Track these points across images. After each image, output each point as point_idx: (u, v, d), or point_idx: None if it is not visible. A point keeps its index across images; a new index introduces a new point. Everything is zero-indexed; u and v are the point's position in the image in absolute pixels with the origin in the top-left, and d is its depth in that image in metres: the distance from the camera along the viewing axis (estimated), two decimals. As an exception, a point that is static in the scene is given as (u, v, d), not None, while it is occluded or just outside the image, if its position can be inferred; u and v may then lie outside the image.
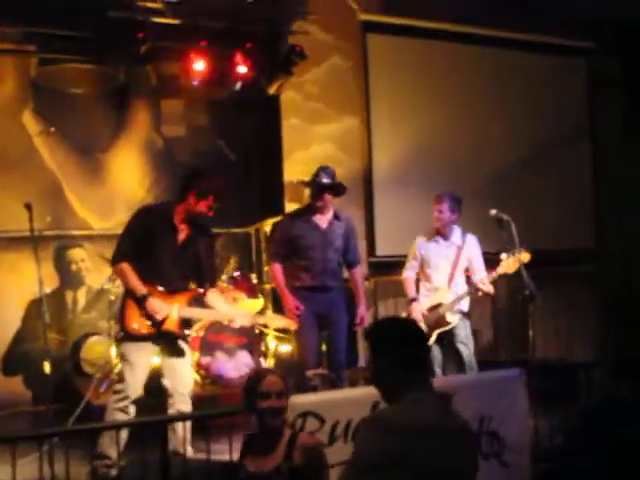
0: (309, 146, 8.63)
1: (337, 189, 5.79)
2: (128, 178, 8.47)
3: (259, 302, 7.47)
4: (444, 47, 9.23)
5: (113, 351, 7.28)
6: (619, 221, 9.95)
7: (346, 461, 3.43)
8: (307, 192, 6.02)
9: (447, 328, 5.94)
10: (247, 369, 6.96)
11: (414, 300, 6.09)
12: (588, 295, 9.52)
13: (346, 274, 6.16)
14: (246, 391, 3.50)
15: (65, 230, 7.79)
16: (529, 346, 5.46)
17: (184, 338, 4.99)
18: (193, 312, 4.99)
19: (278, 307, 7.84)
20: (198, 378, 6.87)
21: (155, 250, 4.83)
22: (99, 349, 7.58)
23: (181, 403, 4.94)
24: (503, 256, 5.68)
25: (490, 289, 5.83)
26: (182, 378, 5.00)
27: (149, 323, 4.76)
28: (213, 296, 5.05)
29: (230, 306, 5.47)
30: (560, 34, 9.70)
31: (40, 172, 7.74)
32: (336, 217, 5.81)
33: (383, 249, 8.72)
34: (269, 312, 7.30)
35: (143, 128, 8.61)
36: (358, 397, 4.38)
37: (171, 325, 4.82)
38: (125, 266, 4.79)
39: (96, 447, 4.62)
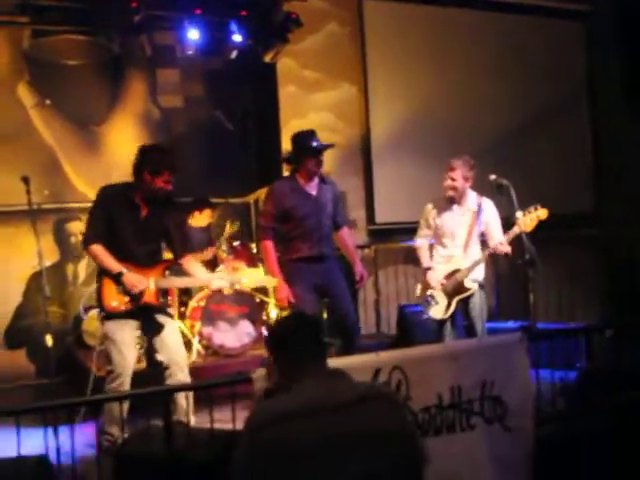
0: (306, 114, 8.59)
1: (325, 150, 5.65)
2: (125, 149, 8.39)
3: (259, 271, 7.47)
4: (441, 12, 9.16)
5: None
6: (620, 184, 9.92)
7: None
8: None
9: (467, 294, 5.78)
10: (249, 338, 6.99)
11: (429, 269, 5.91)
12: (590, 259, 9.52)
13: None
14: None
15: (63, 203, 7.76)
16: (530, 311, 5.45)
17: (164, 309, 5.08)
18: (170, 282, 5.12)
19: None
20: (200, 348, 6.89)
21: (120, 229, 4.88)
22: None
23: (179, 372, 4.97)
24: (519, 214, 5.51)
25: (509, 249, 5.64)
26: (174, 348, 5.03)
27: (128, 299, 4.82)
28: (190, 264, 5.14)
29: (206, 271, 5.55)
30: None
31: (36, 145, 7.69)
32: (322, 182, 5.65)
33: (382, 216, 8.72)
34: (248, 271, 7.30)
35: (139, 99, 8.56)
36: (360, 365, 4.38)
37: (150, 298, 4.89)
38: (97, 247, 4.84)
39: (99, 422, 4.66)
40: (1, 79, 7.76)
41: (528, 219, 5.53)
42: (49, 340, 4.68)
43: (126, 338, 4.87)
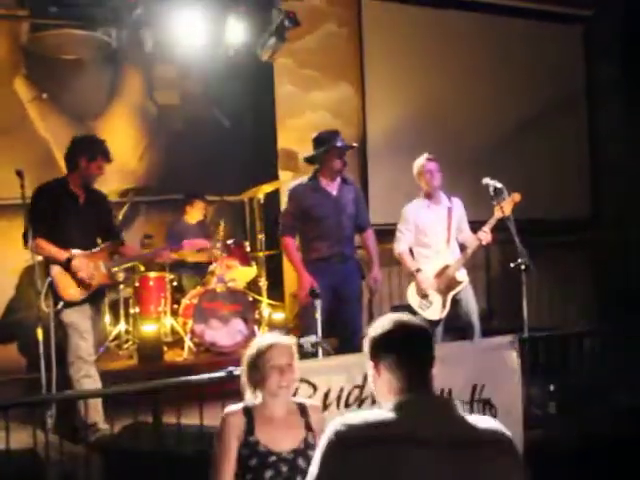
0: (303, 113, 8.58)
1: (349, 150, 5.69)
2: (121, 145, 8.40)
3: (252, 270, 7.48)
4: (440, 14, 9.15)
5: (107, 318, 7.31)
6: (615, 190, 9.94)
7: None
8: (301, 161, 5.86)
9: (461, 287, 5.85)
10: (241, 336, 6.98)
11: (419, 270, 5.92)
12: (583, 264, 9.53)
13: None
14: (252, 362, 3.25)
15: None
16: (523, 315, 5.45)
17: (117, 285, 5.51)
18: (118, 262, 5.37)
19: (272, 275, 7.87)
20: (192, 345, 6.89)
21: (62, 220, 5.04)
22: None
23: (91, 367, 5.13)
24: (494, 202, 5.61)
25: (490, 238, 5.76)
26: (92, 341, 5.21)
27: (83, 286, 5.03)
28: (128, 249, 5.53)
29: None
30: (557, 2, 9.62)
31: (32, 139, 7.69)
32: (344, 182, 5.64)
33: (377, 217, 8.70)
34: (242, 269, 7.31)
35: (136, 94, 8.56)
36: (351, 364, 4.38)
37: (103, 279, 5.16)
38: (39, 241, 4.96)
39: (79, 416, 4.78)
40: (-1, 73, 7.76)
41: (505, 204, 5.62)
42: (40, 334, 4.66)
43: (88, 325, 5.07)
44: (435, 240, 5.95)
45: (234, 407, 3.25)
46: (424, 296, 5.89)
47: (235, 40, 7.82)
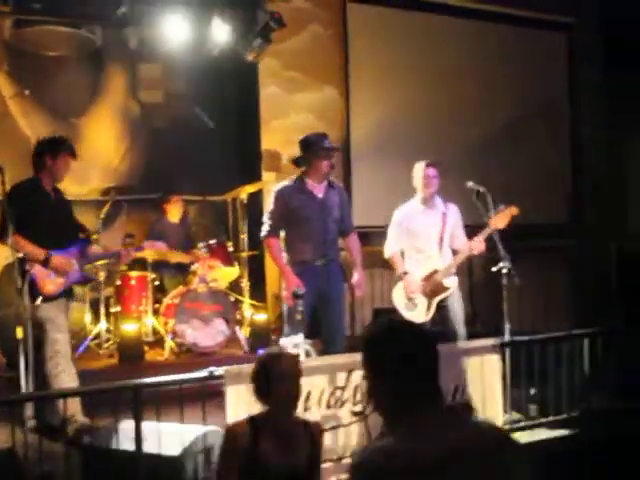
0: (287, 115, 8.58)
1: (335, 152, 5.68)
2: (103, 144, 8.40)
3: (235, 270, 7.46)
4: (424, 18, 9.20)
5: (88, 317, 7.27)
6: (597, 194, 10.02)
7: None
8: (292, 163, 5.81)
9: (447, 294, 5.81)
10: (222, 337, 6.96)
11: (406, 273, 5.89)
12: (565, 269, 9.59)
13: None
14: (259, 375, 3.25)
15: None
16: (504, 319, 5.47)
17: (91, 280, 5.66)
18: (92, 257, 5.53)
19: (254, 275, 7.86)
20: (173, 345, 6.87)
21: (38, 218, 5.09)
22: (74, 315, 7.53)
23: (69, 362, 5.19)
24: (491, 213, 5.61)
25: (483, 248, 5.72)
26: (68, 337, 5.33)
27: (61, 280, 5.12)
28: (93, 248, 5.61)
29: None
30: (541, 9, 9.69)
31: (13, 135, 7.65)
32: (330, 186, 5.60)
33: (361, 219, 8.70)
34: (224, 269, 7.32)
35: (119, 93, 8.53)
36: (333, 366, 4.39)
37: (77, 276, 5.28)
38: (16, 238, 4.91)
39: (56, 410, 4.78)
40: (-20, 68, 7.71)
41: (501, 216, 5.62)
42: (19, 332, 4.63)
43: (65, 320, 5.18)
44: (427, 244, 5.91)
45: (239, 420, 3.27)
46: (410, 298, 5.88)
47: (220, 40, 7.81)
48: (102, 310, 7.18)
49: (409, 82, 9.04)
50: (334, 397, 4.29)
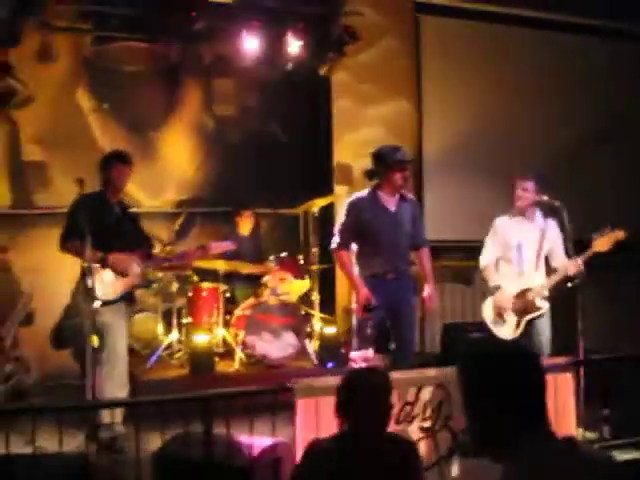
0: (359, 128, 8.58)
1: (410, 165, 5.60)
2: (178, 157, 8.53)
3: (305, 283, 7.48)
4: (497, 29, 9.08)
5: (160, 328, 7.38)
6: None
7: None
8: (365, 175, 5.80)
9: (537, 314, 5.64)
10: (292, 349, 6.98)
11: (498, 287, 5.73)
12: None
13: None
14: (347, 390, 3.11)
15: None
16: (578, 337, 5.33)
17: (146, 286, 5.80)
18: (152, 264, 5.74)
19: (325, 289, 7.86)
20: (243, 357, 6.91)
21: (101, 228, 5.18)
22: (146, 325, 7.67)
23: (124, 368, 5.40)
24: (595, 235, 5.44)
25: (581, 269, 5.48)
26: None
27: (120, 283, 5.28)
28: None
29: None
30: (623, 19, 9.46)
31: (92, 149, 7.82)
32: (403, 199, 5.55)
33: (431, 233, 8.64)
34: (295, 282, 7.32)
35: (194, 107, 8.66)
36: (403, 381, 4.34)
37: (137, 279, 5.45)
38: (74, 244, 5.17)
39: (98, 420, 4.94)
40: (62, 83, 7.93)
41: (605, 239, 5.44)
42: (95, 341, 4.73)
43: (123, 325, 5.33)
44: (521, 259, 5.72)
45: (322, 437, 3.17)
46: (499, 314, 5.73)
47: (293, 54, 7.89)
48: (174, 321, 7.28)
49: (482, 95, 8.93)
50: (404, 412, 4.24)
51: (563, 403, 4.84)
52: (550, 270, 5.76)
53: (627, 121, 9.66)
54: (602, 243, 5.44)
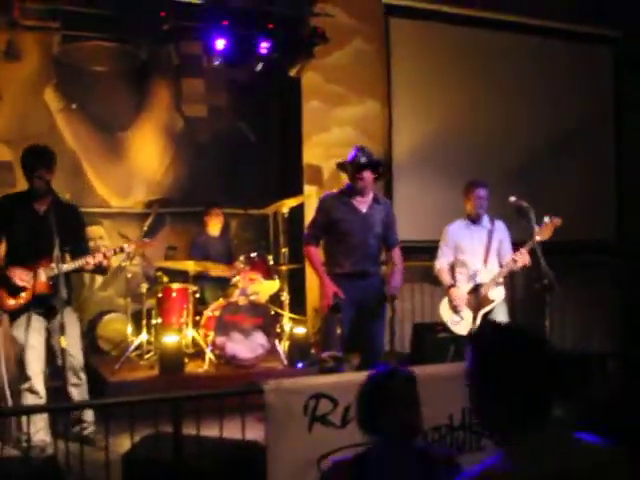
0: (329, 129, 8.60)
1: (376, 167, 5.54)
2: (148, 157, 8.50)
3: (275, 284, 7.48)
4: (467, 32, 9.14)
5: (129, 329, 7.35)
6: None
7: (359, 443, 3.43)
8: (343, 176, 5.80)
9: (492, 306, 5.97)
10: (262, 350, 6.97)
11: (452, 286, 6.06)
12: (608, 286, 9.43)
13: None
14: (370, 399, 2.79)
15: (84, 207, 7.76)
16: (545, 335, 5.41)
17: (61, 298, 4.95)
18: (60, 268, 4.99)
19: (294, 289, 7.87)
20: (213, 358, 6.90)
21: (15, 231, 5.04)
22: (115, 326, 7.64)
23: (73, 377, 5.19)
24: (535, 226, 5.68)
25: (527, 260, 5.79)
26: (69, 353, 5.08)
27: (22, 294, 5.02)
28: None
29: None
30: (587, 22, 9.60)
31: (60, 149, 7.73)
32: (376, 201, 5.59)
33: (402, 234, 8.69)
34: (265, 283, 7.31)
35: (164, 107, 8.63)
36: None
37: (42, 288, 5.04)
38: None
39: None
40: (29, 82, 7.87)
41: (545, 228, 5.71)
42: (63, 342, 4.70)
43: (31, 338, 5.02)
44: (472, 260, 6.07)
45: (340, 458, 2.86)
46: (456, 311, 6.02)
47: (263, 55, 7.90)
48: (144, 322, 7.24)
49: (452, 96, 8.99)
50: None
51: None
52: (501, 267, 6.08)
53: (592, 125, 9.80)
54: (542, 232, 5.71)
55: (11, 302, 5.04)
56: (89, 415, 5.35)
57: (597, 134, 9.93)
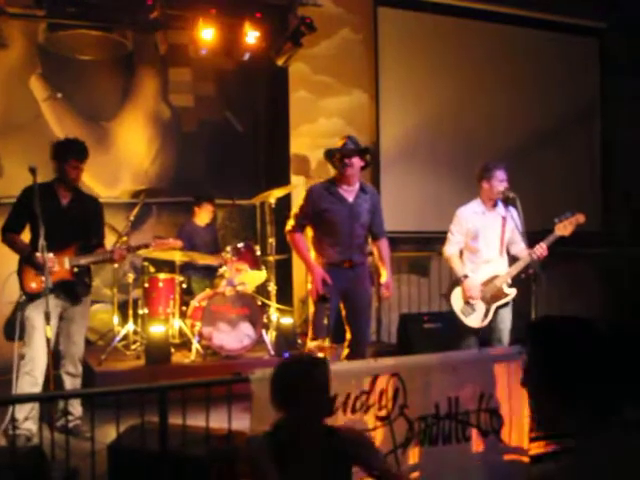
0: (316, 119, 8.60)
1: (364, 153, 5.54)
2: (134, 147, 8.46)
3: (262, 274, 7.47)
4: (455, 22, 9.15)
5: (116, 319, 7.33)
6: (628, 203, 9.89)
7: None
8: (329, 166, 5.78)
9: (506, 300, 5.73)
10: (248, 340, 6.97)
11: (466, 276, 5.73)
12: (594, 277, 9.49)
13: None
14: (280, 382, 3.13)
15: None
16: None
17: (82, 286, 5.36)
18: (82, 260, 5.32)
19: (281, 279, 7.86)
20: (200, 348, 6.89)
21: (42, 220, 4.96)
22: (102, 317, 7.63)
23: (70, 365, 5.37)
24: (557, 220, 5.54)
25: (545, 253, 5.57)
26: (74, 341, 5.38)
27: (44, 278, 5.05)
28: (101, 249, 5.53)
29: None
30: (574, 14, 9.62)
31: (45, 137, 7.70)
32: (362, 190, 5.56)
33: (389, 225, 8.69)
34: (251, 272, 7.30)
35: (150, 97, 8.59)
36: (358, 370, 4.38)
37: (65, 274, 5.20)
38: (9, 235, 5.25)
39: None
40: (14, 71, 7.82)
41: (567, 223, 5.55)
42: (48, 332, 4.68)
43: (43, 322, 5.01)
44: (486, 248, 5.79)
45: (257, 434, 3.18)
46: (468, 302, 5.76)
47: (250, 44, 7.86)
48: (130, 312, 7.23)
49: (440, 87, 9.00)
50: (360, 401, 4.27)
51: (517, 390, 4.92)
52: (510, 257, 5.87)
53: (578, 116, 9.83)
54: (564, 227, 5.55)
55: (33, 285, 5.14)
56: (77, 409, 5.35)
57: (583, 125, 9.97)
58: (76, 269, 5.26)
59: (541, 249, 5.57)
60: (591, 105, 10.11)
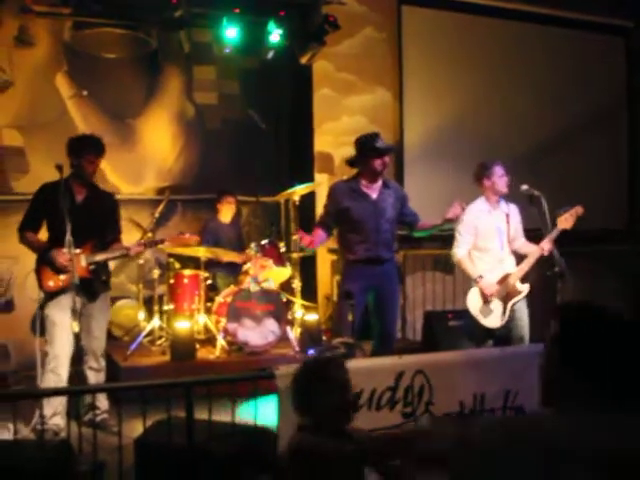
0: (340, 117, 8.60)
1: (391, 152, 5.61)
2: (158, 144, 8.50)
3: (287, 270, 7.49)
4: (479, 21, 9.12)
5: (141, 315, 7.38)
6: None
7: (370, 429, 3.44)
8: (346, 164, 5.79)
9: (520, 297, 5.73)
10: (273, 337, 6.99)
11: (481, 277, 5.71)
12: (619, 275, 9.41)
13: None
14: (302, 384, 3.07)
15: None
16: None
17: (99, 283, 5.36)
18: (98, 257, 5.31)
19: (306, 276, 7.88)
20: (224, 344, 6.92)
21: (57, 217, 4.99)
22: (128, 312, 7.67)
23: (92, 360, 5.36)
24: (557, 214, 5.55)
25: (552, 248, 5.55)
26: (95, 336, 5.37)
27: (62, 277, 5.12)
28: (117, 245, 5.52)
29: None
30: (599, 12, 9.54)
31: (71, 135, 7.77)
32: (385, 186, 5.57)
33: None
34: (276, 269, 7.32)
35: (174, 95, 8.63)
36: (383, 367, 4.38)
37: (81, 272, 5.10)
38: (27, 234, 5.25)
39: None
40: (40, 69, 7.87)
41: (568, 216, 5.55)
42: (75, 327, 4.72)
43: (65, 319, 5.07)
44: (492, 246, 5.79)
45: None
46: (486, 302, 5.74)
47: (274, 43, 7.88)
48: (155, 308, 7.27)
49: (463, 86, 8.97)
50: (385, 397, 4.28)
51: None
52: (516, 253, 5.89)
53: (604, 114, 9.75)
54: (565, 220, 5.56)
55: (50, 283, 5.15)
56: (103, 403, 5.39)
57: (609, 124, 9.89)
58: (92, 266, 5.25)
59: (549, 244, 5.57)
60: (617, 104, 10.03)
